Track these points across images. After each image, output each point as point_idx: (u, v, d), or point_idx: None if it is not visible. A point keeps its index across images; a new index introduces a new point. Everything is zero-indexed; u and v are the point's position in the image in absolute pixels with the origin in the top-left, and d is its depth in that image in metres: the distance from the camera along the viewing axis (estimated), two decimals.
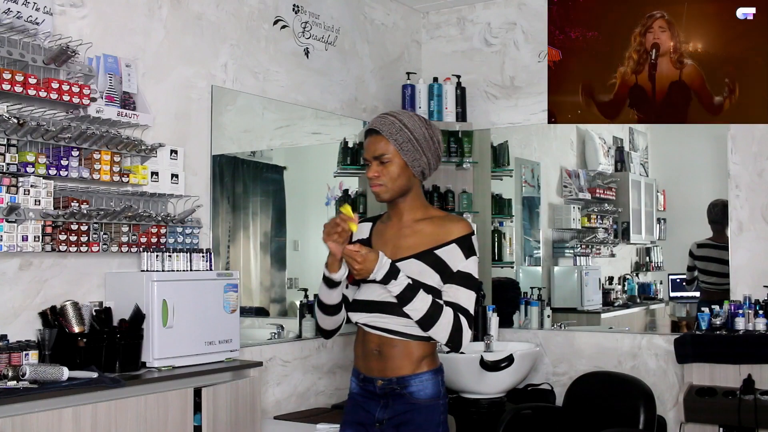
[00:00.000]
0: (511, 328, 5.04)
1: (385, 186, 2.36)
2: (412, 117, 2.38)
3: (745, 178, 4.38)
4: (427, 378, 2.35)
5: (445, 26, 5.39)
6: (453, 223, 2.38)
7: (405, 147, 2.33)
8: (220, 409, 3.24)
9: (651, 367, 4.50)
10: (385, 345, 2.35)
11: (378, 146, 2.35)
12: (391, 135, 2.33)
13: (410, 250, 2.35)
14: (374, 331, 2.36)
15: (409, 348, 2.34)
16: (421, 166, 2.37)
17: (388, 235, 2.43)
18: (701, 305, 4.31)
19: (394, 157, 2.34)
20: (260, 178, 4.59)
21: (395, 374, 2.34)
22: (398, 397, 2.34)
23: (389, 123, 2.34)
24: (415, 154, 2.34)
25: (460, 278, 2.32)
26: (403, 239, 2.39)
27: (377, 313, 2.35)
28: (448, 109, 5.08)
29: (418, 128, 2.35)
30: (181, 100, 3.73)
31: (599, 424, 3.90)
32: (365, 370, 2.41)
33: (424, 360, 2.35)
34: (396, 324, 2.32)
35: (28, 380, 2.67)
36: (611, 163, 5.98)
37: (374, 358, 2.37)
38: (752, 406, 3.72)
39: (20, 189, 2.91)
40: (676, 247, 5.80)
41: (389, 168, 2.35)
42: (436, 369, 2.39)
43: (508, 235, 5.28)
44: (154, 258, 3.29)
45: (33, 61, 2.98)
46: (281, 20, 4.35)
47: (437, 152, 2.41)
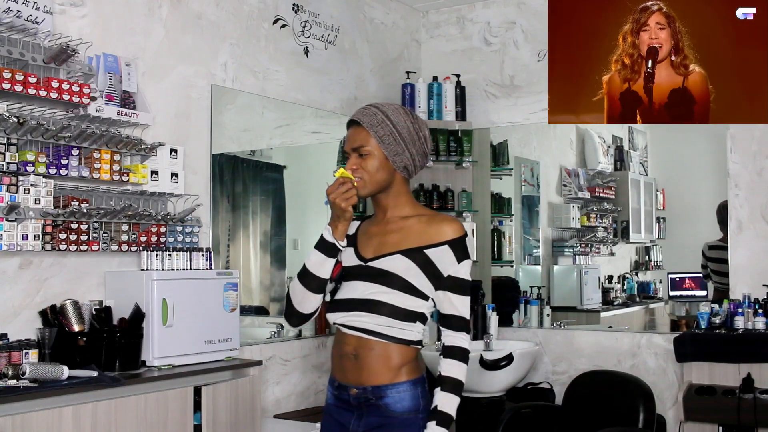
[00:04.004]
0: (511, 327, 5.04)
1: (363, 180, 2.21)
2: (397, 109, 2.25)
3: (744, 177, 4.38)
4: (405, 389, 2.18)
5: (444, 25, 5.39)
6: (445, 223, 2.23)
7: (386, 140, 2.20)
8: (219, 408, 3.24)
9: (650, 366, 4.51)
10: (362, 347, 2.19)
11: (357, 138, 2.23)
12: (371, 127, 2.20)
13: (396, 247, 2.22)
14: (351, 332, 2.21)
15: (388, 352, 2.18)
16: (404, 162, 2.23)
17: (372, 231, 2.30)
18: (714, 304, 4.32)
19: (374, 150, 2.20)
20: (260, 177, 4.59)
21: (371, 382, 2.18)
22: (373, 408, 2.18)
23: (371, 114, 2.22)
24: (397, 147, 2.21)
25: (454, 285, 2.20)
26: (388, 235, 2.26)
27: (356, 312, 2.20)
28: (448, 108, 5.08)
29: (403, 121, 2.22)
30: (181, 100, 3.73)
31: (599, 423, 3.90)
32: (341, 377, 2.25)
33: (404, 368, 2.19)
34: (374, 323, 2.18)
35: (28, 379, 2.67)
36: (611, 162, 5.97)
37: (350, 362, 2.21)
38: (752, 404, 3.72)
39: (20, 188, 2.91)
40: (675, 246, 5.80)
41: (368, 161, 2.21)
42: (416, 379, 2.21)
43: (508, 234, 5.29)
44: (154, 257, 3.29)
45: (33, 60, 2.98)
46: (281, 19, 4.35)
47: (423, 148, 2.27)
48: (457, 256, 2.20)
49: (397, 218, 2.27)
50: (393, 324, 2.17)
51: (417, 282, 2.19)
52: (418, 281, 2.19)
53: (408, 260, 2.19)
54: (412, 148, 2.23)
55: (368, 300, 2.19)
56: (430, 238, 2.20)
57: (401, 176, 2.27)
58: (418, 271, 2.19)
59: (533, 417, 4.27)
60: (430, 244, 2.20)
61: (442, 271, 2.20)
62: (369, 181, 2.22)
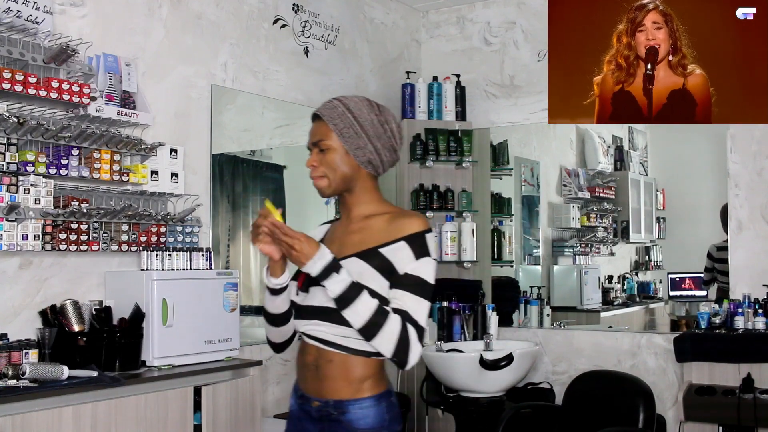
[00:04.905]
0: (511, 327, 5.04)
1: (326, 178, 2.08)
2: (359, 101, 2.10)
3: (744, 177, 4.38)
4: (369, 405, 2.03)
5: (444, 25, 5.39)
6: (406, 218, 2.04)
7: (346, 133, 2.05)
8: (219, 408, 3.24)
9: (650, 366, 4.51)
10: (322, 358, 2.05)
11: (317, 132, 2.10)
12: (331, 120, 2.06)
13: (354, 249, 2.05)
14: (311, 341, 2.07)
15: (348, 365, 2.02)
16: (367, 156, 2.08)
17: (336, 233, 2.17)
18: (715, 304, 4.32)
19: (334, 145, 2.07)
20: (260, 177, 4.59)
21: (332, 396, 2.04)
22: (335, 423, 2.04)
23: (331, 107, 2.09)
24: (359, 141, 2.06)
25: (409, 283, 1.98)
26: (348, 237, 2.10)
27: (315, 320, 2.05)
28: (448, 108, 5.08)
29: (365, 114, 2.07)
30: (180, 99, 3.73)
31: (599, 422, 3.90)
32: (303, 387, 2.12)
33: (367, 382, 2.03)
34: (331, 333, 2.02)
35: (28, 379, 2.67)
36: (611, 162, 5.97)
37: (311, 373, 2.08)
38: (751, 404, 3.72)
39: (20, 188, 2.92)
40: (675, 246, 5.80)
41: (328, 156, 2.07)
42: (381, 394, 2.05)
43: (508, 234, 5.28)
44: (154, 257, 3.29)
45: (33, 60, 2.98)
46: (281, 19, 4.35)
47: (391, 141, 2.11)
48: (415, 252, 2.00)
49: (360, 218, 2.13)
50: (351, 334, 2.00)
51: (375, 285, 1.99)
52: (377, 284, 1.99)
53: (362, 263, 2.01)
54: (376, 142, 2.09)
55: (326, 308, 2.02)
56: (387, 236, 2.03)
57: (367, 173, 2.12)
58: (374, 274, 2.00)
59: (533, 417, 4.26)
60: (387, 242, 2.02)
61: (399, 269, 2.00)
62: (332, 178, 2.09)
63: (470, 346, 4.48)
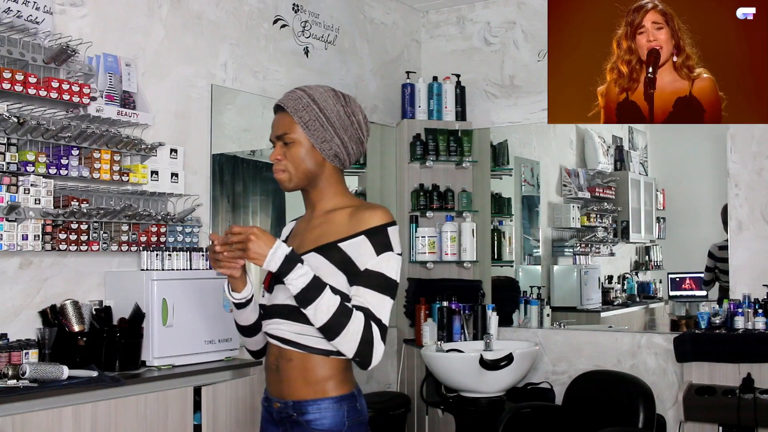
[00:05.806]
0: (511, 327, 5.04)
1: (288, 172, 2.02)
2: (324, 92, 2.03)
3: (744, 177, 4.38)
4: (327, 406, 1.96)
5: (444, 25, 5.39)
6: (367, 211, 1.96)
7: (312, 125, 1.98)
8: (219, 408, 3.24)
9: (650, 366, 4.51)
10: (282, 358, 2.00)
11: (281, 125, 2.03)
12: (296, 112, 2.00)
13: (314, 243, 1.98)
14: (272, 341, 2.03)
15: (308, 364, 1.96)
16: (334, 149, 2.01)
17: (298, 229, 2.11)
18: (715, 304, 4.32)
19: (299, 138, 2.00)
20: (260, 177, 4.59)
21: (291, 397, 1.99)
22: (295, 424, 1.99)
23: (295, 98, 2.02)
24: (325, 134, 1.99)
25: (369, 279, 1.90)
26: (309, 232, 2.04)
27: (275, 319, 2.01)
28: (448, 108, 5.08)
29: (331, 105, 2.00)
30: (181, 99, 3.73)
31: (599, 422, 3.90)
32: (268, 389, 2.08)
33: (329, 383, 1.97)
34: (290, 332, 1.97)
35: (28, 379, 2.68)
36: (611, 162, 5.97)
37: (273, 374, 2.04)
38: (751, 404, 3.72)
39: (20, 188, 2.92)
40: (675, 246, 5.80)
41: (293, 150, 2.00)
42: (343, 396, 1.98)
43: (508, 234, 5.28)
44: (154, 257, 3.30)
45: (33, 60, 2.98)
46: (281, 19, 4.35)
47: (358, 134, 2.04)
48: (375, 247, 1.92)
49: (322, 212, 2.05)
50: (310, 332, 1.94)
51: (334, 281, 1.91)
52: (334, 280, 1.92)
53: (320, 258, 1.94)
54: (343, 135, 2.01)
55: (284, 306, 1.98)
56: (348, 230, 1.95)
57: (332, 166, 2.05)
58: (333, 270, 1.93)
59: (533, 417, 4.26)
60: (346, 236, 1.94)
61: (359, 265, 1.92)
62: (295, 173, 2.02)
63: (470, 346, 4.48)
